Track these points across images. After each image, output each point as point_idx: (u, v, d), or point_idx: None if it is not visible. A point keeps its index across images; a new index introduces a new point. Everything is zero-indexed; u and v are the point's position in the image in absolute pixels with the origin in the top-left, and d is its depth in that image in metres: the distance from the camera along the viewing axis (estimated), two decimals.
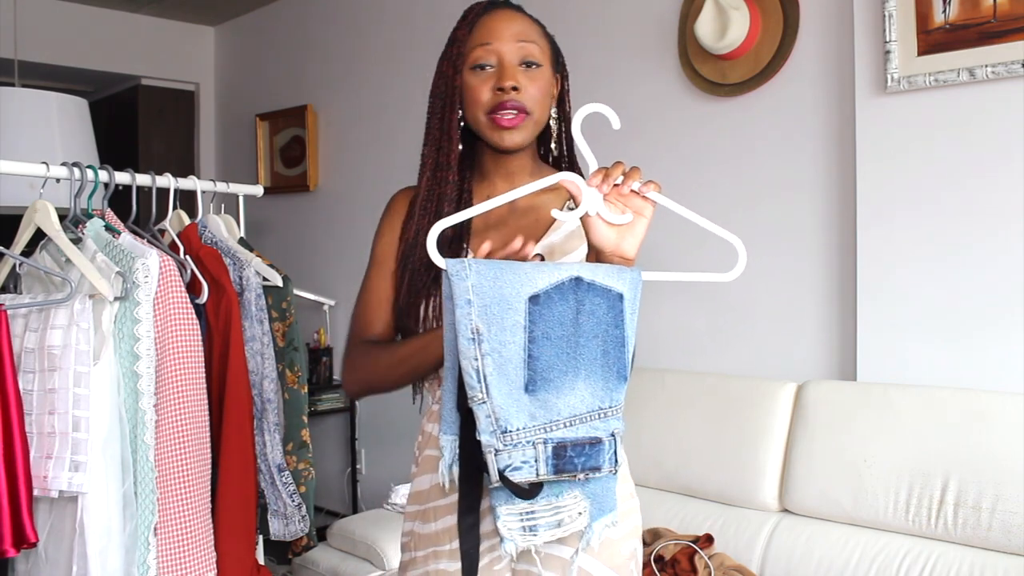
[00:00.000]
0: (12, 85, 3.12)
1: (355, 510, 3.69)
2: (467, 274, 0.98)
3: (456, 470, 1.05)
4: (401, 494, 2.79)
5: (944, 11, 2.06)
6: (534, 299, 1.00)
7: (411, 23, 3.59)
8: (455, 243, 1.24)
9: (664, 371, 2.48)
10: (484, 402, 0.98)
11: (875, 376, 2.20)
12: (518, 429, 0.99)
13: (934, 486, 1.91)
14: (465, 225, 1.24)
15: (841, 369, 2.35)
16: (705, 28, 2.46)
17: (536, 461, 1.00)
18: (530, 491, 1.01)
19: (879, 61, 2.17)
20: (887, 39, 2.13)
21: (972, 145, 2.05)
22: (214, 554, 1.87)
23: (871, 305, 2.22)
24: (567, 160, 1.32)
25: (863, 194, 2.23)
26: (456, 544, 1.16)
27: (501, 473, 0.98)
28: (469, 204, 1.25)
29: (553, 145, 1.30)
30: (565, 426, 1.02)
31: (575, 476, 1.02)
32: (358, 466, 3.79)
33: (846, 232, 2.33)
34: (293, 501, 2.15)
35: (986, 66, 1.99)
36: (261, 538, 2.26)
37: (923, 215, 2.13)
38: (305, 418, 2.23)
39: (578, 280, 1.02)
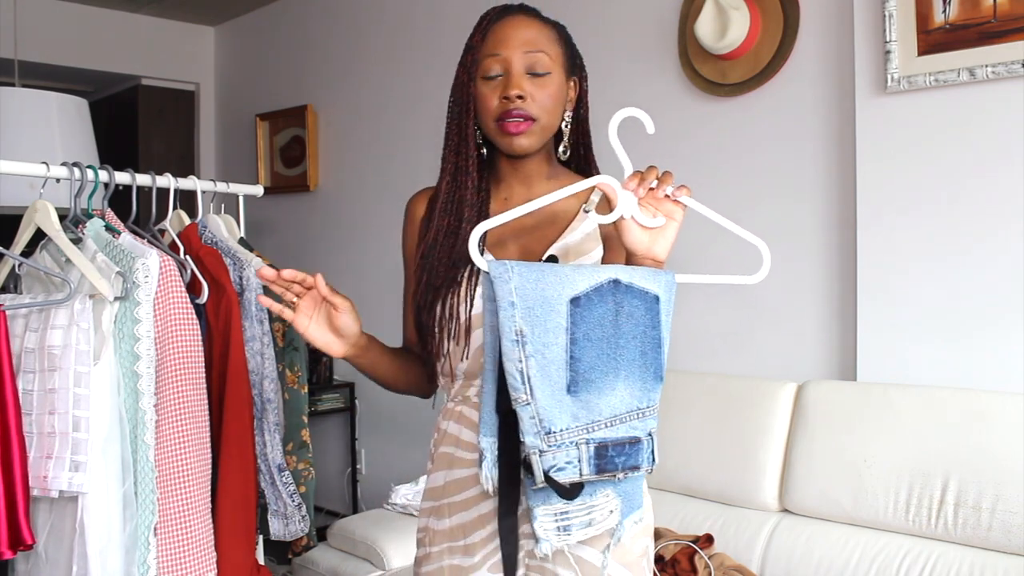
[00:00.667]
0: (12, 85, 3.12)
1: (355, 510, 3.69)
2: (510, 276, 0.99)
3: (496, 472, 1.05)
4: (401, 494, 2.78)
5: (944, 11, 2.06)
6: (575, 301, 1.01)
7: (411, 23, 3.59)
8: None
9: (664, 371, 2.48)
10: (528, 404, 0.99)
11: (875, 376, 2.20)
12: (561, 430, 1.00)
13: (934, 486, 1.91)
14: None
15: (841, 369, 2.34)
16: (705, 28, 2.46)
17: (579, 461, 1.01)
18: (572, 491, 1.02)
19: (879, 61, 2.17)
20: (887, 39, 2.13)
21: (972, 145, 2.05)
22: (214, 554, 1.87)
23: (871, 305, 2.22)
24: (581, 162, 1.32)
25: (863, 194, 2.23)
26: (470, 539, 1.18)
27: (546, 474, 0.99)
28: (486, 208, 1.26)
29: (562, 148, 1.30)
30: (606, 426, 1.03)
31: (615, 475, 1.03)
32: (358, 466, 3.79)
33: (846, 232, 2.33)
34: (293, 501, 2.15)
35: (986, 66, 1.99)
36: (261, 538, 2.26)
37: (923, 215, 2.13)
38: (305, 418, 2.23)
39: (616, 282, 1.03)
